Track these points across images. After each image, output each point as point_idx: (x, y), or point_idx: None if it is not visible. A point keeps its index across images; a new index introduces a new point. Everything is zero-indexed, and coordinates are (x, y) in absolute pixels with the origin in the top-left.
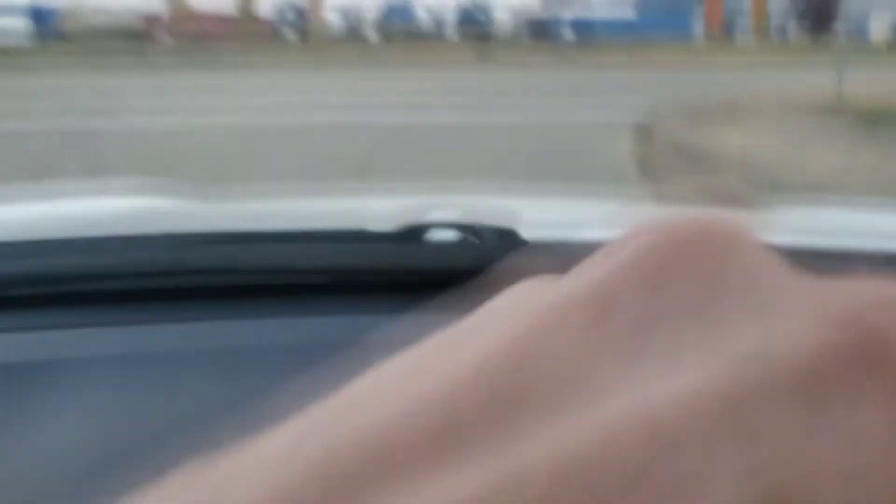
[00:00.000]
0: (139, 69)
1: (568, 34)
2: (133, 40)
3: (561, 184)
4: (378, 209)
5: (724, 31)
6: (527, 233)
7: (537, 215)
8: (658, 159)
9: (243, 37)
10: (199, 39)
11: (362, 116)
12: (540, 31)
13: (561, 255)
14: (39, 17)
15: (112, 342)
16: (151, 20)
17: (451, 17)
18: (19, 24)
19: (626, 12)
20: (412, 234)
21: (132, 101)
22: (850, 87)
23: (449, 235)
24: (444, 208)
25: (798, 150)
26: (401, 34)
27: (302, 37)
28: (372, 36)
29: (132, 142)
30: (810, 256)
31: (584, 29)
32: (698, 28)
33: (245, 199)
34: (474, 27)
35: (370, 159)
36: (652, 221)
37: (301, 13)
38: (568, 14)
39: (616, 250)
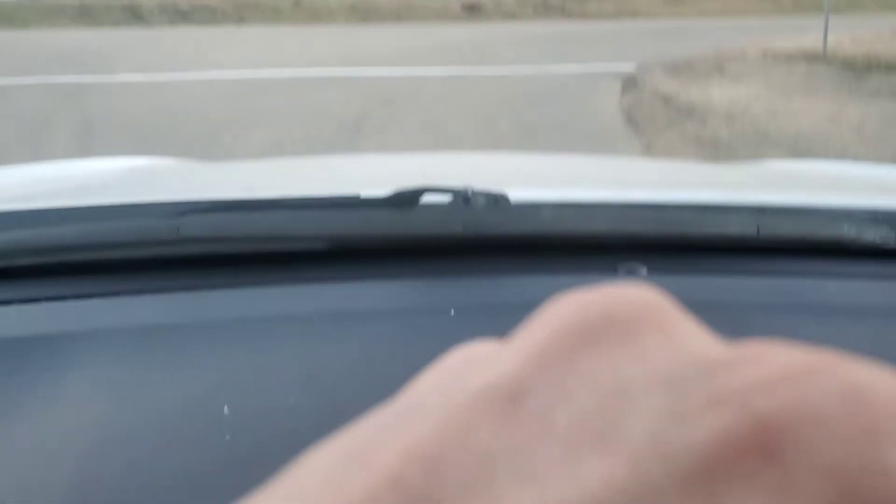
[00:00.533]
0: (129, 23)
1: None
2: None
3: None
4: (372, 174)
5: None
6: (516, 195)
7: (527, 176)
8: (645, 110)
9: None
10: None
11: (354, 71)
12: None
13: (549, 217)
14: None
15: (112, 313)
16: None
17: None
18: None
19: None
20: (405, 200)
21: (123, 56)
22: (835, 37)
23: (441, 199)
24: (434, 169)
25: (784, 99)
26: None
27: None
28: None
29: (123, 98)
30: (795, 213)
31: None
32: None
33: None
34: None
35: (363, 114)
36: (563, 302)
37: None
38: None
39: (530, 333)
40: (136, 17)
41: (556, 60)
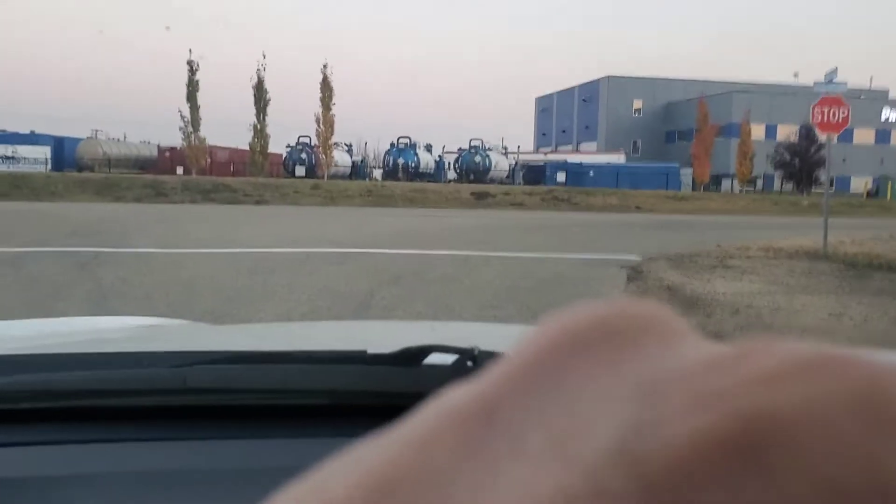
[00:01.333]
0: (151, 199)
1: (561, 178)
2: (147, 171)
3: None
4: (379, 334)
5: (712, 184)
6: None
7: None
8: (648, 297)
9: (256, 171)
10: (213, 173)
11: (364, 251)
12: (535, 175)
13: None
14: (60, 147)
15: (113, 459)
16: (167, 152)
17: (451, 160)
18: (42, 154)
19: (618, 160)
20: (411, 358)
21: (143, 229)
22: (834, 238)
23: (447, 359)
24: (442, 333)
25: (788, 296)
26: (404, 173)
27: (311, 173)
28: (377, 174)
29: (139, 269)
30: None
31: (577, 174)
32: (686, 180)
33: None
34: (473, 170)
35: (370, 291)
36: (557, 316)
37: (311, 151)
38: (561, 160)
39: (518, 349)
40: (158, 193)
41: (562, 248)
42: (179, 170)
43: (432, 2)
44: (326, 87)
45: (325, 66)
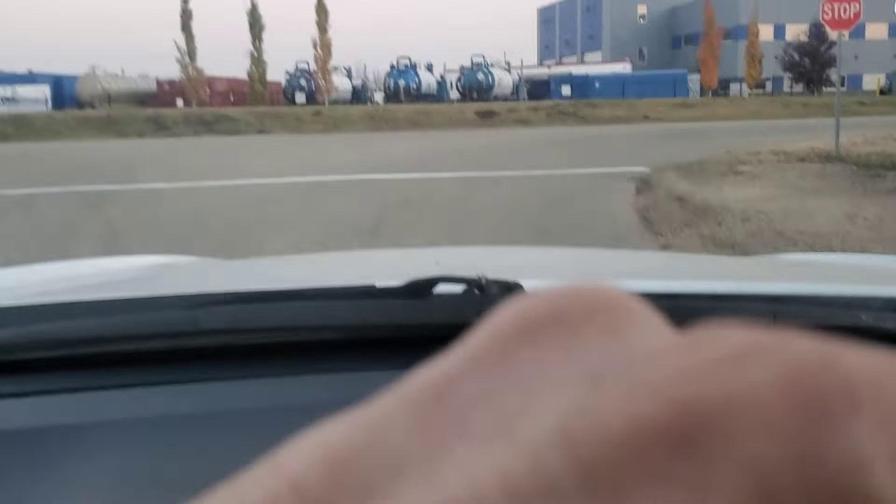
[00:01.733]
0: (153, 133)
1: (566, 91)
2: (147, 105)
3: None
4: (387, 266)
5: (720, 89)
6: (531, 284)
7: (541, 267)
8: (660, 211)
9: (256, 100)
10: (213, 104)
11: (374, 175)
12: (539, 89)
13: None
14: (59, 85)
15: (129, 405)
16: (166, 85)
17: (453, 79)
18: (41, 93)
19: (624, 70)
20: (420, 289)
21: (147, 165)
22: (847, 138)
23: (455, 289)
24: (448, 261)
25: (800, 199)
26: (406, 96)
27: (311, 100)
28: (378, 97)
29: (146, 204)
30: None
31: (583, 86)
32: (694, 87)
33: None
34: (476, 88)
35: (379, 217)
36: (514, 302)
37: (311, 77)
38: (566, 73)
39: (475, 334)
40: (160, 127)
41: (569, 164)
42: (179, 102)
43: None
44: (322, 9)
45: None
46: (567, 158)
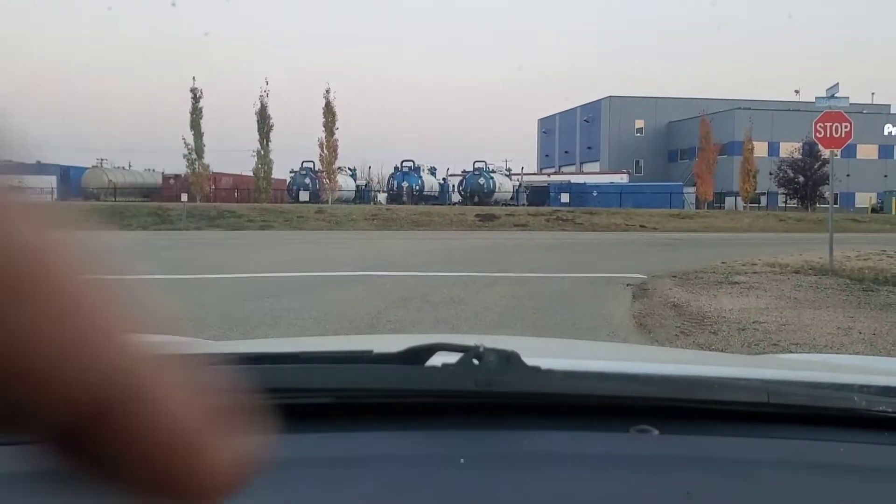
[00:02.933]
0: (157, 226)
1: (565, 198)
2: (152, 198)
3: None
4: (386, 342)
5: (716, 202)
6: (531, 361)
7: (538, 350)
8: (656, 318)
9: (260, 196)
10: (217, 199)
11: (373, 272)
12: (539, 196)
13: (561, 378)
14: (66, 176)
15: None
16: (171, 179)
17: (455, 182)
18: (47, 183)
19: (622, 181)
20: (416, 356)
21: (149, 256)
22: (840, 252)
23: (453, 358)
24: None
25: (795, 311)
26: (409, 197)
27: (315, 198)
28: (382, 198)
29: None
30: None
31: (581, 194)
32: (689, 199)
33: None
34: (477, 191)
35: (377, 313)
36: None
37: (315, 176)
38: (565, 181)
39: None
40: (163, 220)
41: (567, 268)
42: (184, 197)
43: (435, 25)
44: (329, 111)
45: (327, 91)
46: (564, 262)
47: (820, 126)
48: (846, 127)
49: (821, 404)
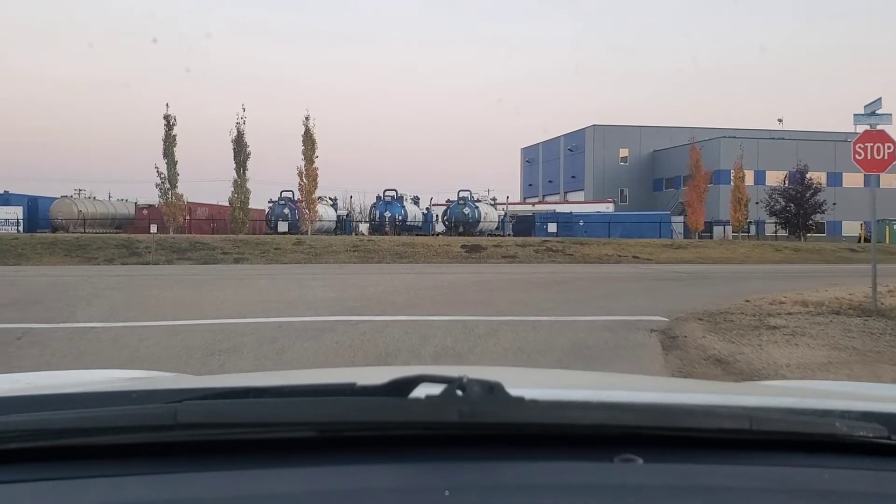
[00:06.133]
0: (124, 259)
1: (552, 228)
2: (125, 229)
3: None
4: (370, 374)
5: (706, 232)
6: (512, 387)
7: (524, 379)
8: (701, 377)
9: (237, 227)
10: (193, 230)
11: (353, 317)
12: (524, 225)
13: (545, 408)
14: (34, 207)
15: (106, 493)
16: (144, 210)
17: (439, 212)
18: (13, 214)
19: (607, 210)
20: (400, 388)
21: (95, 297)
22: (864, 285)
23: (436, 390)
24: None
25: (864, 366)
26: (391, 227)
27: (294, 228)
28: (364, 228)
29: (69, 349)
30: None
31: (567, 224)
32: (677, 228)
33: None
34: (462, 221)
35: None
36: None
37: (294, 206)
38: (550, 210)
39: None
40: (132, 253)
41: (573, 309)
42: (153, 228)
43: (416, 53)
44: (309, 139)
45: (306, 119)
46: (570, 301)
47: (860, 147)
48: (889, 148)
49: (803, 430)
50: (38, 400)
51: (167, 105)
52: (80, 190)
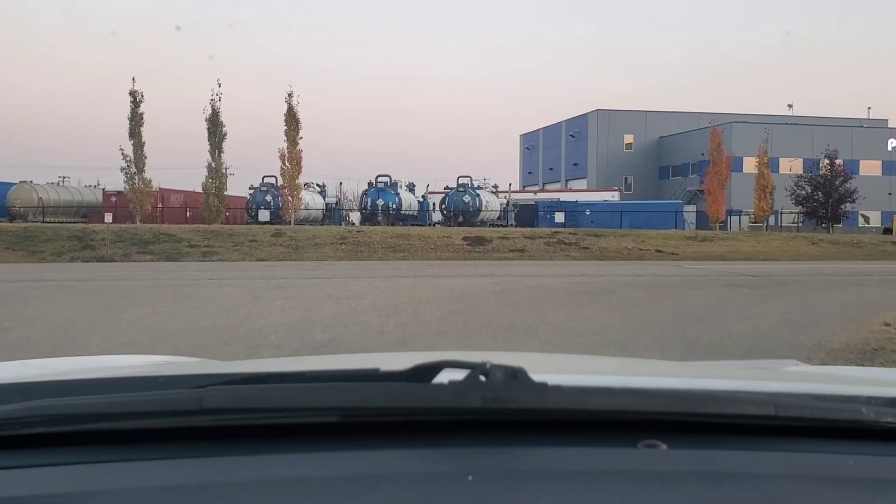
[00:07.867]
0: (76, 252)
1: (559, 218)
2: (91, 218)
3: None
4: (394, 361)
5: (725, 223)
6: (535, 373)
7: (547, 365)
8: None
9: (211, 216)
10: (166, 219)
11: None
12: (527, 214)
13: (568, 393)
14: None
15: (130, 477)
16: (113, 197)
17: (436, 200)
18: None
19: (613, 198)
20: (423, 374)
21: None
22: None
23: (460, 375)
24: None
25: None
26: (385, 216)
27: (277, 217)
28: (355, 217)
29: None
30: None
31: (574, 213)
32: (690, 218)
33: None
34: (462, 210)
35: None
36: None
37: (277, 192)
38: (553, 199)
39: None
40: (85, 246)
41: (653, 338)
42: (107, 217)
43: (411, 33)
44: (292, 118)
45: (289, 96)
46: (640, 327)
47: None
48: None
49: (828, 416)
50: (64, 385)
51: (133, 79)
52: (63, 177)
